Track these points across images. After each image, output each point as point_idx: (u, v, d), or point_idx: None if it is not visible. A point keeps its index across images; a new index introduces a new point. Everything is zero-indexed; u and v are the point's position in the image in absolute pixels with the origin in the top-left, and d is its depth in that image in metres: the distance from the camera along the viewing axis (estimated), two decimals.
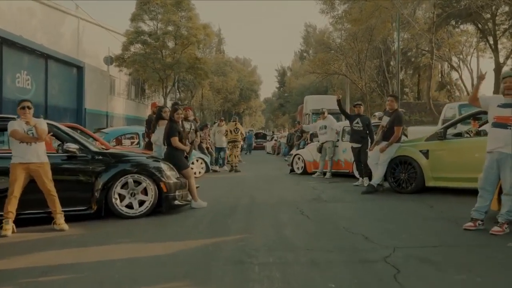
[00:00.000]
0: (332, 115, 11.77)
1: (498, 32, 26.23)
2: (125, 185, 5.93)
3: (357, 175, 9.78)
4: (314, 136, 14.30)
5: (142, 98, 38.25)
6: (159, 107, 7.86)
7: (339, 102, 9.98)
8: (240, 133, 14.62)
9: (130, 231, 5.14)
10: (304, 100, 26.73)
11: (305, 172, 12.03)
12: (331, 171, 11.02)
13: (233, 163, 14.17)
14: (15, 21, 20.45)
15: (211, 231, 5.03)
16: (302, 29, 73.55)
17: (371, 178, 8.45)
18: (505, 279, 3.24)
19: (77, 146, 5.79)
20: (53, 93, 18.10)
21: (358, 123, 9.36)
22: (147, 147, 8.75)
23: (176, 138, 6.66)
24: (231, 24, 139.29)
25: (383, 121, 7.97)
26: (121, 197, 5.92)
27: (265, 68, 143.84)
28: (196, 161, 12.13)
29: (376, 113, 11.58)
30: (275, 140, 30.70)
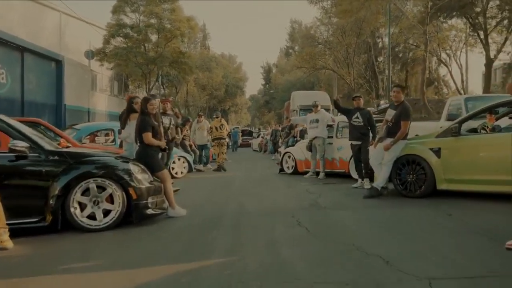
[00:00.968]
0: None
1: (489, 27, 25.65)
2: (86, 191, 4.93)
3: (354, 175, 8.88)
4: (304, 133, 13.35)
5: (126, 94, 36.93)
6: (129, 97, 6.71)
7: (337, 102, 9.20)
8: (225, 129, 13.74)
9: (87, 252, 4.11)
10: (291, 96, 25.84)
11: (296, 172, 11.09)
12: (324, 171, 10.10)
13: (220, 162, 13.27)
14: None
15: (188, 252, 3.97)
16: (288, 25, 72.72)
17: (371, 179, 7.55)
18: None
19: (27, 144, 4.75)
20: (30, 88, 16.88)
21: (358, 117, 8.33)
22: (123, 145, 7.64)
23: (149, 134, 5.62)
24: (216, 22, 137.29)
25: (387, 114, 6.98)
26: (82, 206, 4.93)
27: (251, 66, 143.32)
28: (178, 159, 11.31)
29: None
30: (262, 137, 29.73)
